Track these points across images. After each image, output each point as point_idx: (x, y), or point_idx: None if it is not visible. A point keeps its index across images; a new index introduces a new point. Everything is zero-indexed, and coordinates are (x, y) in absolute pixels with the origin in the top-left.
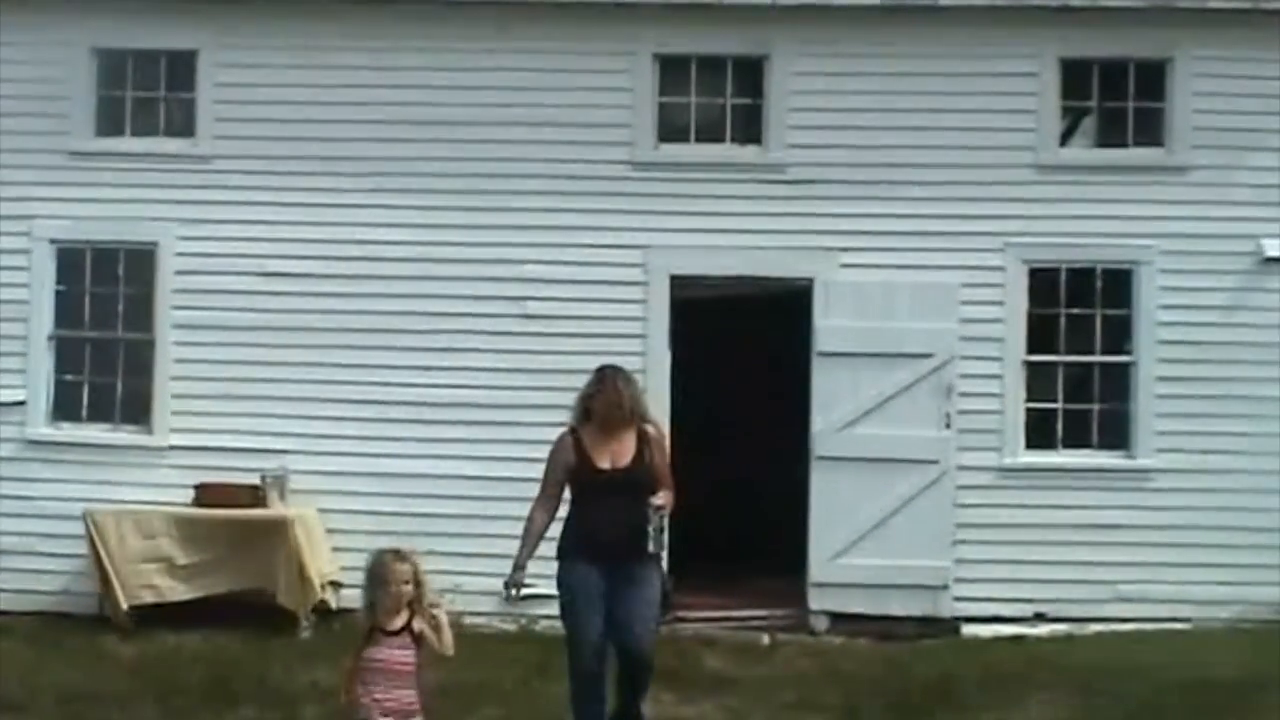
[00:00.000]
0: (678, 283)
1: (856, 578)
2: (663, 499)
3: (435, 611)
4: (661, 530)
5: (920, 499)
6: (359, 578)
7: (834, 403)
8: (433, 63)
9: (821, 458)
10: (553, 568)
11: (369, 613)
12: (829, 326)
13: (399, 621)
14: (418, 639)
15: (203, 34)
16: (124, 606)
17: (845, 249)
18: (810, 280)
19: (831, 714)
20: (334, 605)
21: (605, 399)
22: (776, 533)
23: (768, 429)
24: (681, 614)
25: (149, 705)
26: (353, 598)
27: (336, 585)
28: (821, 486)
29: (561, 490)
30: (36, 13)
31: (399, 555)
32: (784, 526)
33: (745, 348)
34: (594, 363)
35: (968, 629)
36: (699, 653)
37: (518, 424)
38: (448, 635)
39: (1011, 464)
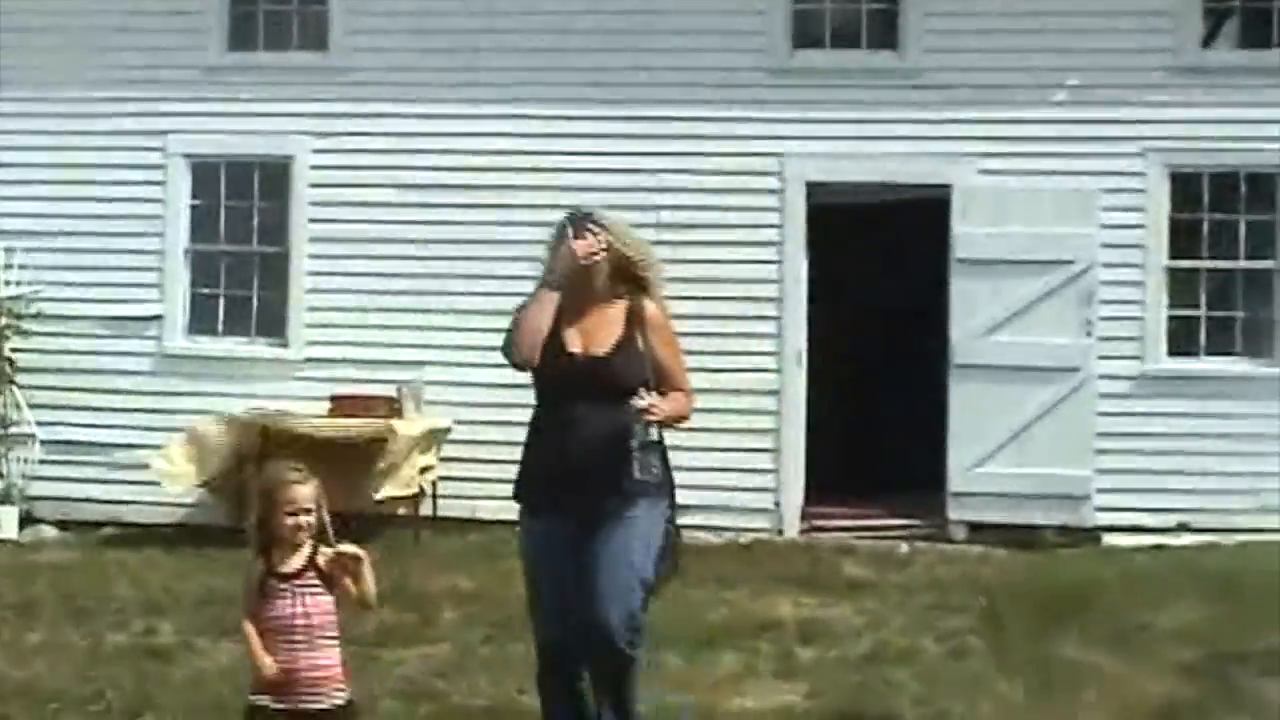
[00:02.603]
0: (814, 190)
1: (996, 487)
2: (650, 399)
3: (353, 551)
4: (649, 446)
5: (1060, 407)
6: (484, 489)
7: (973, 310)
8: None
9: (960, 366)
10: None
11: (256, 551)
12: (967, 234)
13: (298, 561)
14: (328, 580)
15: None
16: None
17: (984, 154)
18: (948, 187)
19: (971, 616)
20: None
21: (569, 251)
22: (915, 442)
23: (905, 337)
24: (819, 524)
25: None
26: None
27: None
28: (960, 395)
29: None
30: None
31: (300, 473)
32: (923, 436)
33: (882, 255)
34: (730, 272)
35: (1108, 539)
36: (837, 560)
37: None
38: (369, 582)
39: (1153, 371)
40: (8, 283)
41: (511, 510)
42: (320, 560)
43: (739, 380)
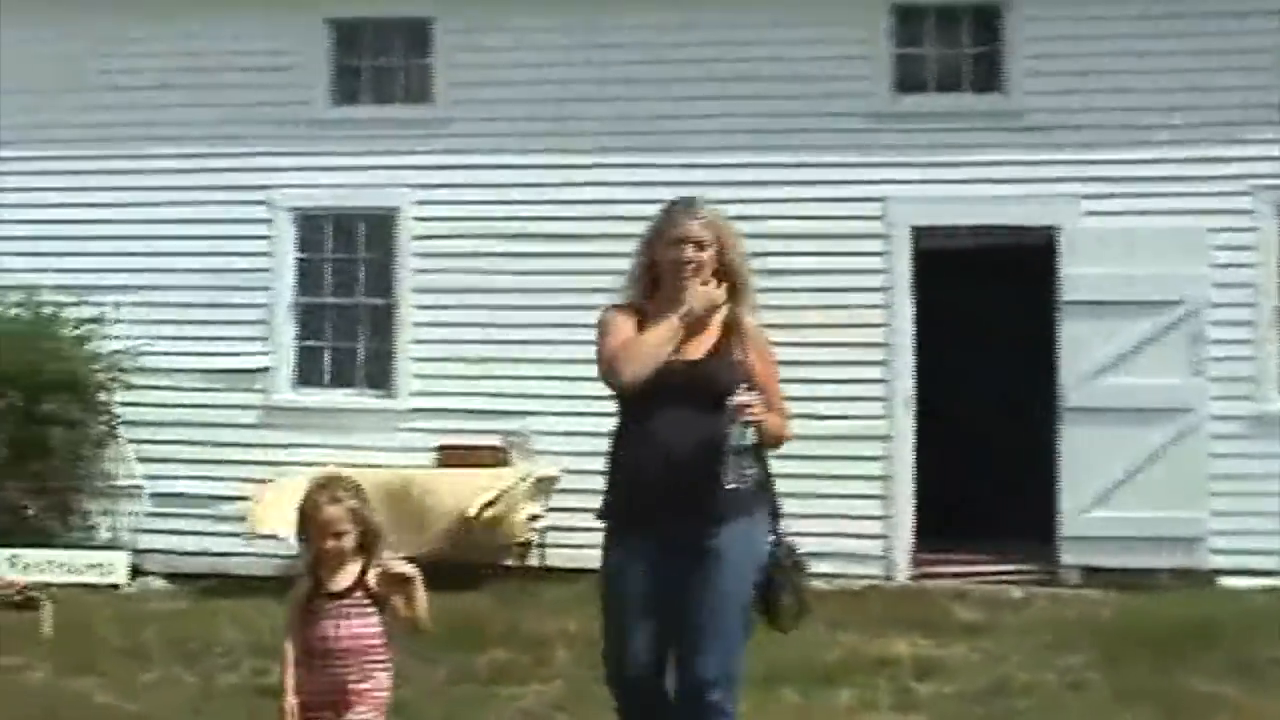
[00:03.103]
0: (919, 234)
1: (1109, 531)
2: (749, 397)
3: (403, 570)
4: (746, 450)
5: (1173, 449)
6: (591, 539)
7: (1082, 353)
8: (666, 21)
9: (1071, 409)
10: None
11: (306, 570)
12: (1075, 275)
13: (345, 579)
14: (378, 600)
15: (436, 1)
16: None
17: (1090, 195)
18: (1054, 229)
19: (1089, 654)
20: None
21: (670, 237)
22: (1025, 487)
23: (1013, 381)
24: (930, 570)
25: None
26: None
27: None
28: (1071, 438)
29: None
30: None
31: (331, 495)
32: (1032, 481)
33: (990, 298)
34: (837, 318)
35: (1224, 582)
36: (949, 604)
37: None
38: (421, 602)
39: (1266, 412)
40: (115, 337)
41: None
42: (370, 579)
43: (848, 426)
